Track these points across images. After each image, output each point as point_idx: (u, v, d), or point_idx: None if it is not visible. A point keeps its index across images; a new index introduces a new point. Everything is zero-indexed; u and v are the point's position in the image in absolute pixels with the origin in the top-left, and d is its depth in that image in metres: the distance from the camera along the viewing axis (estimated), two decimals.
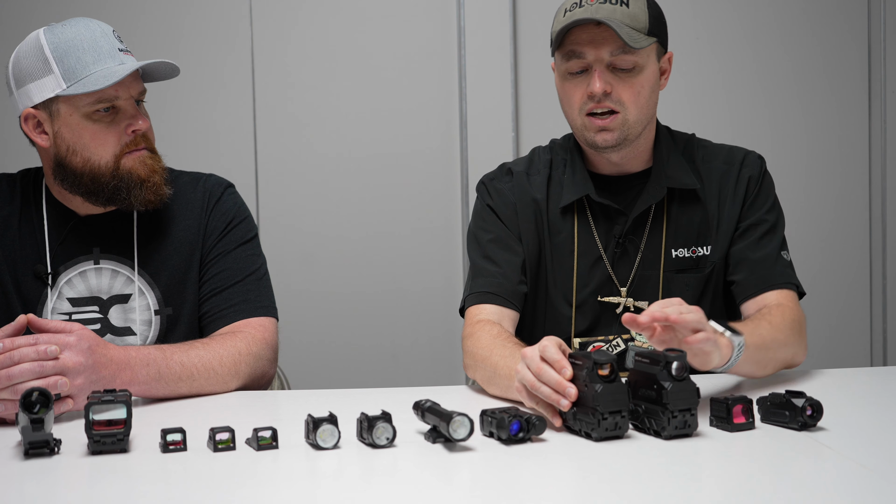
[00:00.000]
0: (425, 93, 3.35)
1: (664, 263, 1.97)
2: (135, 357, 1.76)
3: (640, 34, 1.86)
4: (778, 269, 1.95)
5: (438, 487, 1.31)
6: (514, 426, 1.44)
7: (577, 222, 2.00)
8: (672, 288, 1.96)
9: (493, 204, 2.04)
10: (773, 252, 1.97)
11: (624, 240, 1.97)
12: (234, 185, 2.12)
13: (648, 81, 1.90)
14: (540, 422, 1.45)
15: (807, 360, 3.47)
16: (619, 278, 1.98)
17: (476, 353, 1.83)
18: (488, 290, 1.96)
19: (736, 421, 1.48)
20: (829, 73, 3.42)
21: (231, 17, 3.32)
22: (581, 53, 1.87)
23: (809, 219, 3.46)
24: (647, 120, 1.93)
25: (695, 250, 1.97)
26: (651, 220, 1.98)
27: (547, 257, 2.01)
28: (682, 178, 1.97)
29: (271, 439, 1.45)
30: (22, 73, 1.90)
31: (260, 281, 2.05)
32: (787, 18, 3.41)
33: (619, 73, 1.87)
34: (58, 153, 1.92)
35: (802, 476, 1.29)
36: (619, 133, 1.89)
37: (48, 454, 1.45)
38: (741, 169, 2.00)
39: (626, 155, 1.96)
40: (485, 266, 2.00)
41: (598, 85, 1.86)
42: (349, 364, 3.33)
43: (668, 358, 1.44)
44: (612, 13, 1.84)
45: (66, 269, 1.98)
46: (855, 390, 1.83)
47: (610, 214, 1.98)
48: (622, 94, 1.87)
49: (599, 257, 1.98)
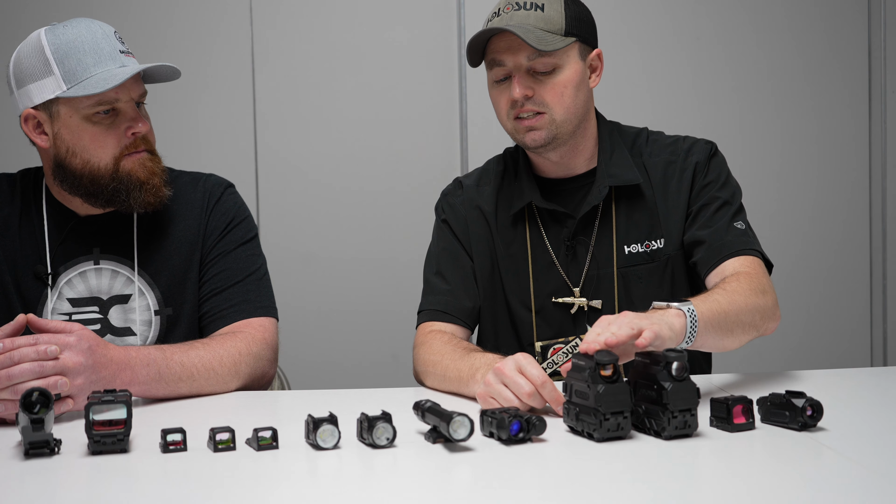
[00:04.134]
0: (425, 95, 3.35)
1: (617, 260, 1.97)
2: (135, 357, 1.76)
3: (556, 36, 1.88)
4: (730, 237, 1.92)
5: (438, 488, 1.31)
6: (515, 426, 1.45)
7: (528, 229, 2.02)
8: (627, 284, 1.96)
9: (447, 218, 2.09)
10: (724, 224, 1.93)
11: (573, 241, 1.99)
12: (234, 186, 2.13)
13: (571, 81, 1.91)
14: (540, 422, 1.45)
15: (807, 360, 3.49)
16: (571, 280, 1.99)
17: (427, 358, 1.90)
18: (438, 308, 2.03)
19: (736, 421, 1.48)
20: (831, 74, 3.43)
21: (232, 18, 3.32)
22: (501, 61, 1.90)
23: (810, 220, 3.46)
24: (577, 118, 1.94)
25: (648, 244, 1.97)
26: (599, 219, 1.98)
27: (501, 266, 2.03)
28: (623, 174, 1.97)
29: (271, 439, 1.45)
30: (23, 74, 1.90)
31: (260, 281, 2.05)
32: (788, 20, 3.41)
33: (539, 76, 1.90)
34: (57, 154, 1.92)
35: (803, 476, 1.29)
36: (546, 132, 1.91)
37: (48, 454, 1.45)
38: (686, 157, 1.99)
39: (565, 154, 1.97)
40: (436, 283, 2.06)
41: (517, 90, 1.89)
42: (349, 364, 3.34)
43: (668, 358, 1.44)
44: (524, 19, 1.87)
45: (66, 270, 1.98)
46: (855, 391, 1.83)
47: (558, 218, 2.00)
48: (545, 96, 1.90)
49: (552, 261, 2.00)
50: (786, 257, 3.41)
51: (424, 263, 2.11)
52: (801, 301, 3.45)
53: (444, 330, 1.99)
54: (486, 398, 1.63)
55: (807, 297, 3.47)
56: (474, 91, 3.30)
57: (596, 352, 1.45)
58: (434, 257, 2.09)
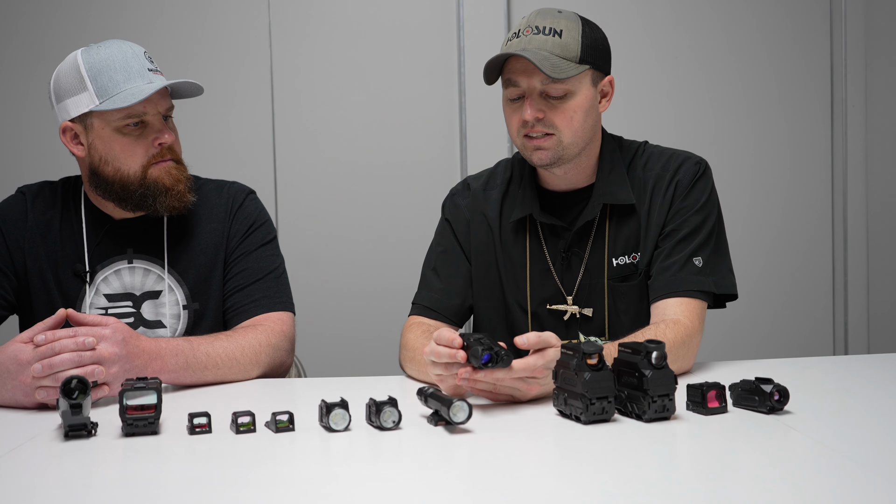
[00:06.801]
0: (428, 106, 3.35)
1: (608, 272, 1.93)
2: (165, 348, 1.76)
3: (570, 63, 1.83)
4: (682, 275, 1.85)
5: (440, 466, 1.31)
6: (486, 357, 1.48)
7: (528, 236, 1.98)
8: (614, 295, 1.92)
9: (450, 218, 2.06)
10: (682, 258, 1.86)
11: (568, 252, 1.94)
12: (255, 192, 2.13)
13: (581, 107, 1.86)
14: (507, 356, 1.48)
15: (774, 349, 3.49)
16: (565, 288, 1.95)
17: (406, 345, 1.90)
18: (428, 304, 2.02)
19: (710, 405, 1.48)
20: (798, 89, 3.44)
21: (251, 39, 3.32)
22: (516, 82, 1.85)
23: (778, 223, 3.46)
24: (583, 141, 1.89)
25: (635, 256, 1.92)
26: (594, 232, 1.93)
27: (501, 269, 1.99)
28: (617, 193, 1.91)
29: (288, 422, 1.45)
30: (61, 90, 1.91)
31: (279, 279, 2.05)
32: (761, 43, 3.42)
33: (551, 99, 1.84)
34: (92, 162, 1.92)
35: (771, 455, 1.29)
36: (552, 153, 1.86)
37: (86, 436, 1.45)
38: (674, 174, 1.92)
39: (569, 170, 1.92)
40: (431, 279, 2.04)
41: (528, 112, 1.84)
42: (359, 354, 3.34)
43: (647, 348, 1.44)
44: (542, 44, 1.82)
45: (103, 268, 1.98)
46: (819, 377, 1.83)
47: (556, 230, 1.95)
48: (554, 119, 1.85)
49: (548, 269, 1.96)
50: (756, 256, 3.42)
51: (425, 256, 2.08)
52: (770, 296, 3.45)
53: (427, 323, 1.97)
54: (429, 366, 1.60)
55: (775, 292, 3.46)
56: (473, 105, 3.29)
57: (583, 343, 1.45)
58: (433, 254, 2.06)
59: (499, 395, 1.57)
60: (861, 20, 3.41)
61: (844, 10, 3.40)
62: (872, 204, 3.45)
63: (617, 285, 1.92)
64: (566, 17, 1.86)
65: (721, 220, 1.95)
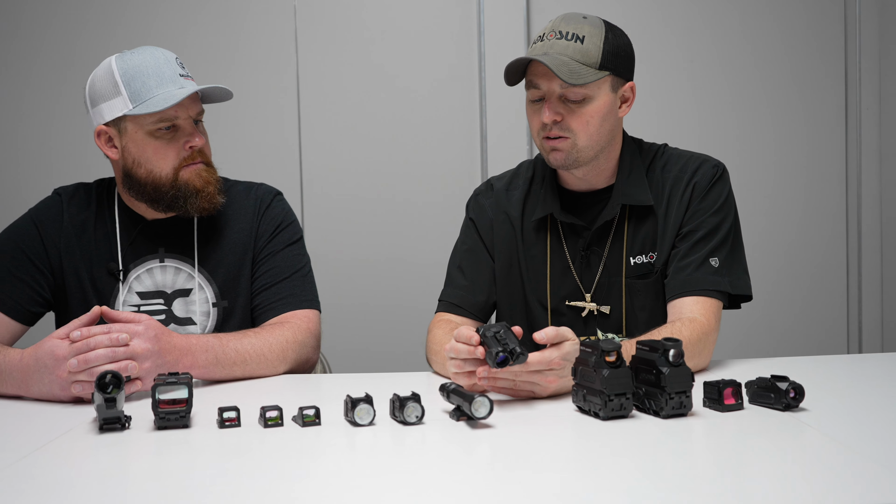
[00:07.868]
0: (450, 109, 3.35)
1: (626, 270, 1.92)
2: (195, 344, 1.77)
3: (589, 69, 1.82)
4: (699, 274, 1.84)
5: (462, 460, 1.30)
6: (500, 357, 1.47)
7: (549, 235, 1.98)
8: (631, 293, 1.92)
9: (474, 217, 2.06)
10: (698, 258, 1.85)
11: (587, 251, 1.94)
12: (282, 193, 2.13)
13: (599, 112, 1.85)
14: (523, 353, 1.48)
15: (789, 348, 3.46)
16: (584, 285, 1.95)
17: (432, 341, 1.91)
18: (454, 301, 2.02)
19: (727, 402, 1.47)
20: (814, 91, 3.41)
21: (278, 46, 3.33)
22: (537, 84, 1.85)
23: (795, 225, 3.43)
24: (599, 145, 1.87)
25: (652, 256, 1.91)
26: (613, 232, 1.93)
27: (522, 267, 1.99)
28: (637, 195, 1.91)
29: (315, 417, 1.45)
30: (96, 94, 1.92)
31: (305, 277, 2.05)
32: (779, 46, 3.39)
33: (570, 103, 1.84)
34: (125, 165, 1.94)
35: (786, 451, 1.28)
36: (567, 155, 1.86)
37: (119, 429, 1.46)
38: (692, 177, 1.91)
39: (588, 172, 1.92)
40: (456, 276, 2.04)
41: (547, 115, 1.84)
42: (383, 351, 3.34)
43: (665, 346, 1.44)
44: (563, 49, 1.82)
45: (136, 267, 1.99)
46: (833, 375, 1.81)
47: (575, 229, 1.95)
48: (572, 123, 1.84)
49: (568, 267, 1.96)
50: (772, 256, 3.39)
51: (450, 255, 2.08)
52: (785, 295, 3.43)
53: (453, 320, 1.98)
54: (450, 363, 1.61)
55: (790, 291, 3.44)
56: (493, 108, 3.29)
57: (601, 340, 1.45)
58: (458, 252, 2.06)
59: (519, 391, 1.57)
60: (875, 23, 3.38)
61: (858, 14, 3.37)
62: (886, 205, 3.42)
63: (634, 283, 1.91)
64: (591, 22, 1.86)
65: (737, 223, 1.94)
